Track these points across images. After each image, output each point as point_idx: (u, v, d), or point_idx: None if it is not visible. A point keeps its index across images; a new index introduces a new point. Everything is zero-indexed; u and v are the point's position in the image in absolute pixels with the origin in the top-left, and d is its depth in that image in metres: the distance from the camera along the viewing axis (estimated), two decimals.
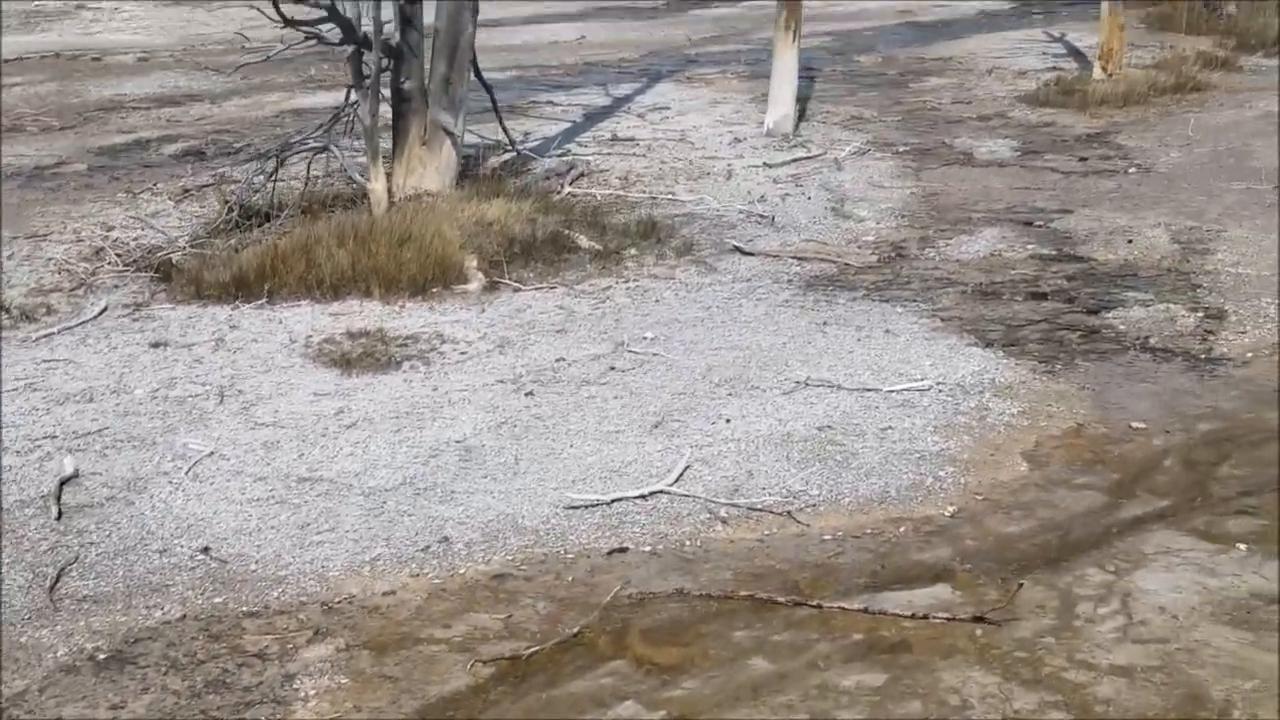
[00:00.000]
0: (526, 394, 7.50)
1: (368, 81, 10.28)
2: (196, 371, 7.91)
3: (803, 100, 14.49)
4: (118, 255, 10.06)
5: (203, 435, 7.07)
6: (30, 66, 19.17)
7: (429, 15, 10.86)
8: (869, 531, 6.05)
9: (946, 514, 6.18)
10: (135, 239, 10.44)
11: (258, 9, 9.98)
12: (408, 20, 10.57)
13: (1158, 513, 6.16)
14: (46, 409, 7.39)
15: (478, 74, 11.26)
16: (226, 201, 10.69)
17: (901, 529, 6.07)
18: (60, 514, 6.25)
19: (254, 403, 7.48)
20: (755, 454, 6.73)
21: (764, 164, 12.06)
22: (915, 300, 8.79)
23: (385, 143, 10.97)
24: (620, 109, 14.55)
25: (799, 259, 9.62)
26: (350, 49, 10.33)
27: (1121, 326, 8.36)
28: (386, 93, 10.84)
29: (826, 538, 6.00)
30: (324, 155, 10.87)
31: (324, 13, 9.98)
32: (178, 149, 13.65)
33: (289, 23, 9.73)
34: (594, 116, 14.19)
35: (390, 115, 10.93)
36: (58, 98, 16.82)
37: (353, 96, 10.67)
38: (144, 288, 9.39)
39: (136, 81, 17.52)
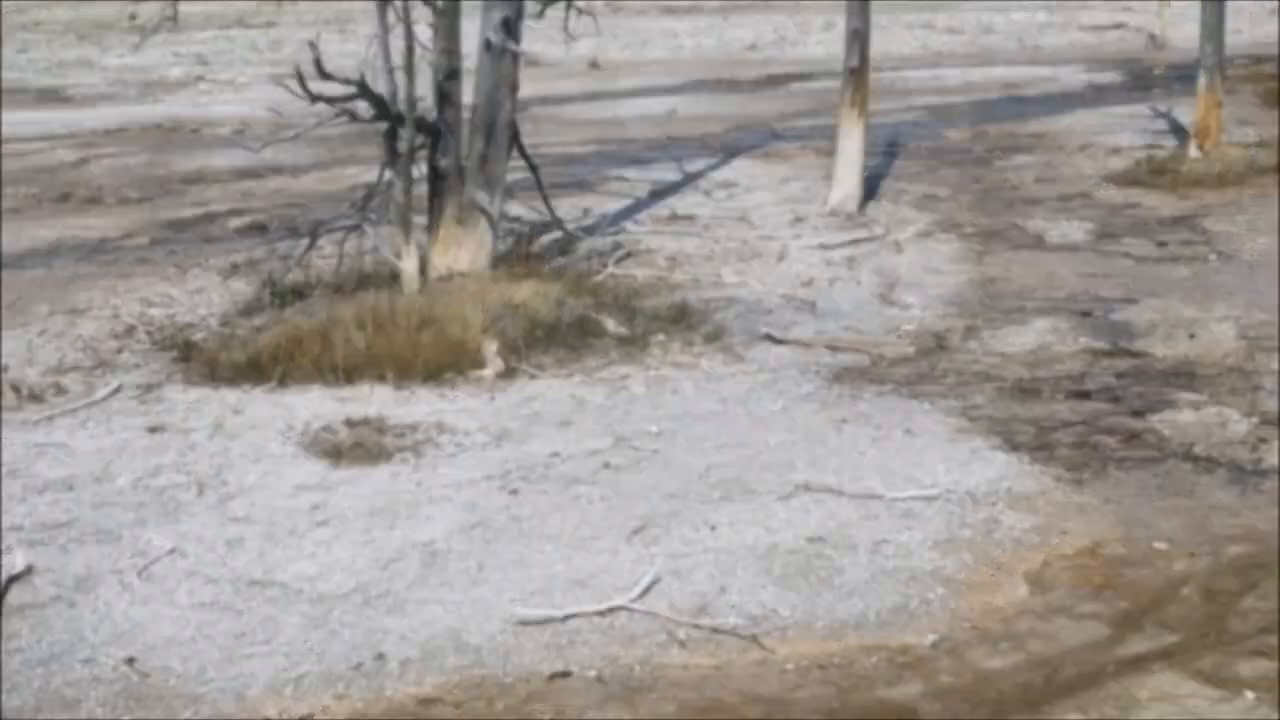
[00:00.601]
0: (510, 492, 7.13)
1: (402, 159, 10.09)
2: (186, 459, 7.68)
3: (878, 177, 14.03)
4: (148, 333, 9.97)
5: (170, 530, 6.81)
6: (129, 138, 19.52)
7: (468, 94, 10.65)
8: (837, 661, 5.54)
9: (926, 643, 5.65)
10: (170, 316, 10.34)
11: (285, 87, 9.85)
12: (445, 97, 10.37)
13: (1163, 650, 5.56)
14: (23, 497, 7.21)
15: (521, 151, 10.99)
16: (263, 280, 10.58)
17: (873, 659, 5.55)
18: None
19: (233, 495, 7.22)
20: (733, 567, 6.26)
21: (820, 245, 11.60)
22: (945, 397, 8.23)
23: (422, 219, 10.76)
24: (688, 185, 14.21)
25: (832, 349, 9.13)
26: (385, 126, 10.16)
27: (1166, 431, 7.72)
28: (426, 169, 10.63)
29: (789, 667, 5.51)
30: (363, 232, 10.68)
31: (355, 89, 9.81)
32: (243, 223, 13.64)
33: (316, 98, 9.58)
34: (660, 193, 13.88)
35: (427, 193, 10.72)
36: (145, 169, 17.04)
37: (389, 174, 10.47)
38: (164, 368, 9.25)
39: (225, 154, 17.67)
